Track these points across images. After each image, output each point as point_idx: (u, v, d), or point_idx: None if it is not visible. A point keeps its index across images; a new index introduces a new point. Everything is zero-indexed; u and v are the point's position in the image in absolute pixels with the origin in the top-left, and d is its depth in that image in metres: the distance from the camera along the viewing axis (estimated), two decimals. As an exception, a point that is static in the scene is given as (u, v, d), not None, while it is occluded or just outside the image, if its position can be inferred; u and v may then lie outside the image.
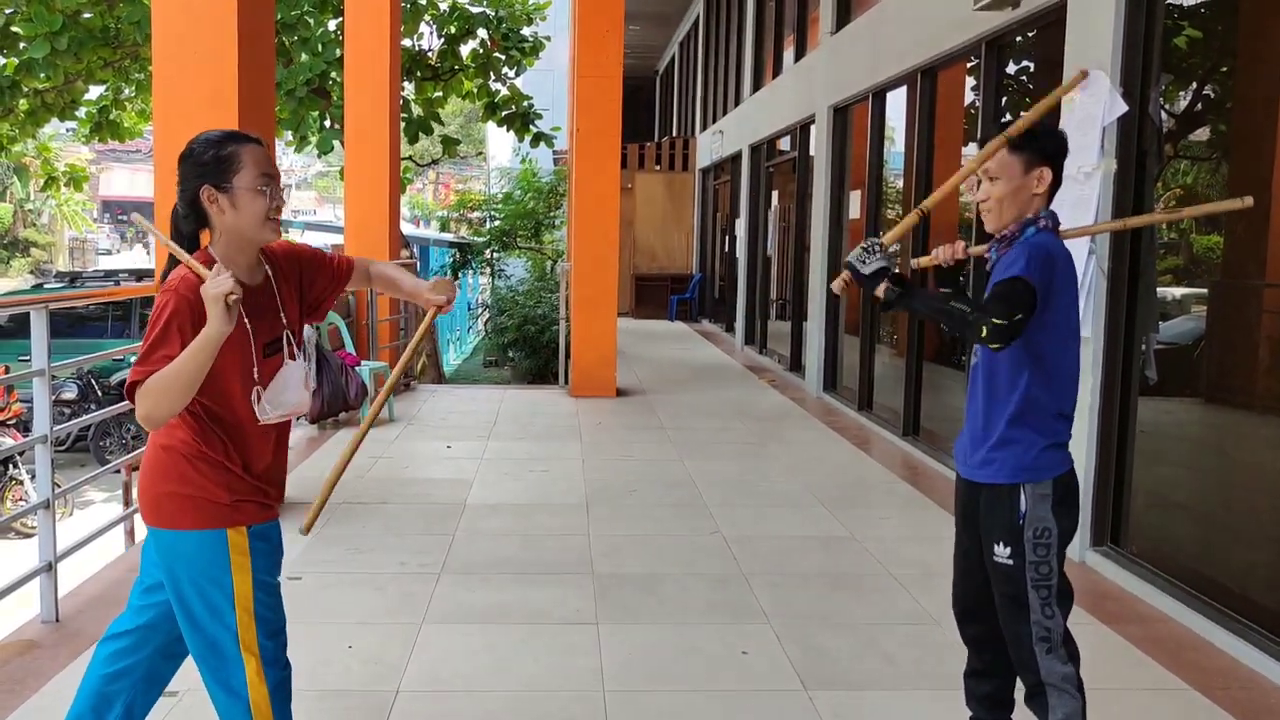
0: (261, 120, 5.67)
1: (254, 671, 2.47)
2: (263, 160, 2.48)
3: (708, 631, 4.18)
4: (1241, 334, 4.60)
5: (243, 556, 2.46)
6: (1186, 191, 4.97)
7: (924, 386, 7.81)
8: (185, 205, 2.46)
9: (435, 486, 6.44)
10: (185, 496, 2.43)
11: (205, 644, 2.47)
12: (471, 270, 23.03)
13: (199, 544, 2.43)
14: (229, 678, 2.47)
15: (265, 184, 2.45)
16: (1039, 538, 2.68)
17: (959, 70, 7.48)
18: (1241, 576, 4.27)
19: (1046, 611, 2.68)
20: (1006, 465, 2.72)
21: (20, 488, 9.34)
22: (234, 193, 2.43)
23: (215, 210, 2.44)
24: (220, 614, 2.45)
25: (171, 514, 2.44)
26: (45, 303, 4.15)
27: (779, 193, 13.60)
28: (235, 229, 2.45)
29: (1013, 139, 2.72)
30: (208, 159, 2.43)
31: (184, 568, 2.44)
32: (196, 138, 2.50)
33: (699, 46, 20.76)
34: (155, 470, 2.47)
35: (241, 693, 2.46)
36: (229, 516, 2.44)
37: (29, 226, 39.21)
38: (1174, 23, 5.01)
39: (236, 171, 2.43)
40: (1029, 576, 2.68)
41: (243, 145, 2.46)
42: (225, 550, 2.44)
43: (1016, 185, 2.72)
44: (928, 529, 5.67)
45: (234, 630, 2.45)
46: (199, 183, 2.43)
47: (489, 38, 13.69)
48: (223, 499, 2.44)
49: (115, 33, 12.15)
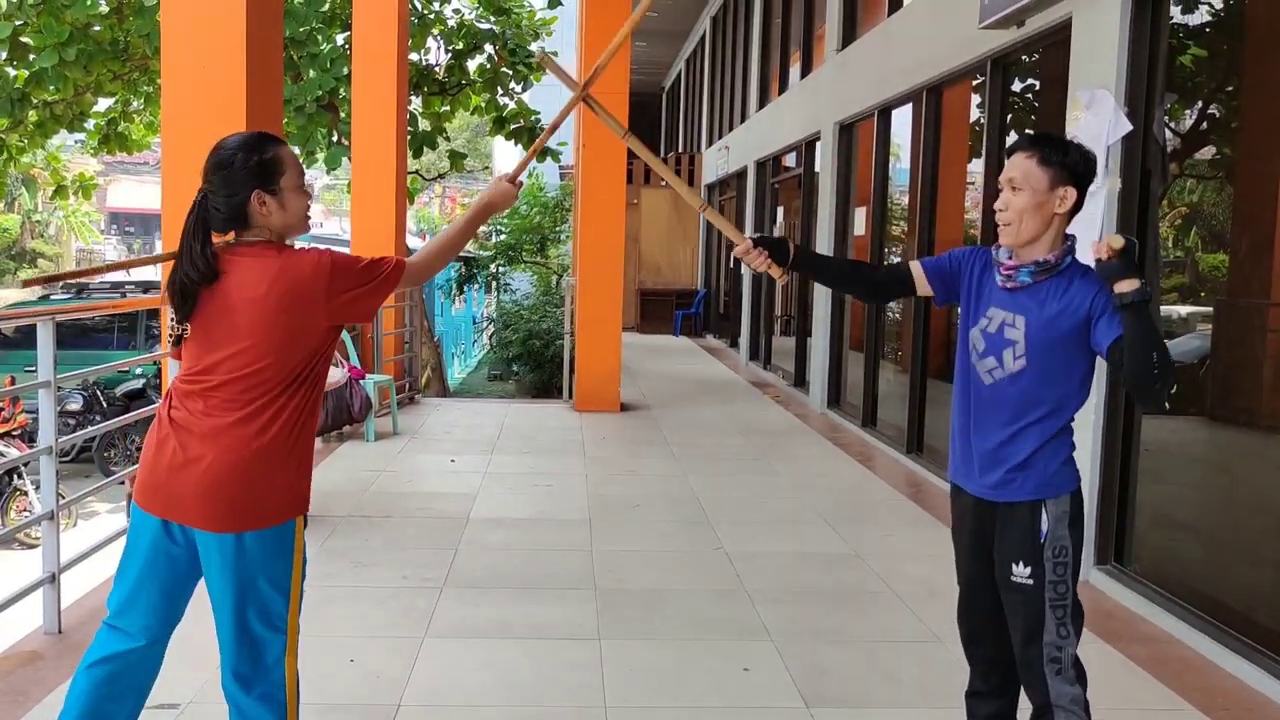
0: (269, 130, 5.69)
1: (291, 674, 2.54)
2: (296, 159, 2.58)
3: (710, 648, 4.17)
4: (1246, 352, 4.59)
5: (299, 554, 2.55)
6: (1191, 210, 4.98)
7: (928, 403, 7.80)
8: (231, 210, 2.49)
9: (438, 500, 6.44)
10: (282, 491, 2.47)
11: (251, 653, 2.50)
12: (477, 284, 23.08)
13: (275, 540, 2.47)
14: (271, 685, 2.52)
15: (304, 181, 2.58)
16: (1058, 556, 2.66)
17: (964, 88, 7.50)
18: (1246, 596, 4.25)
19: (1062, 631, 2.66)
20: (1030, 483, 2.69)
21: (25, 498, 9.35)
22: (282, 194, 2.50)
23: (263, 212, 2.50)
24: (276, 618, 2.50)
25: (264, 513, 2.45)
26: (51, 314, 4.16)
27: (784, 209, 13.63)
28: (281, 228, 2.53)
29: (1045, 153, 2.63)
30: (253, 164, 2.48)
31: (257, 568, 2.46)
32: (226, 144, 2.52)
33: (705, 63, 20.84)
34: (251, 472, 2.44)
35: (280, 697, 2.52)
36: (303, 504, 2.54)
37: (36, 237, 39.34)
38: (1179, 42, 5.03)
39: (282, 173, 2.51)
40: (1047, 596, 2.66)
41: (280, 147, 2.55)
42: (292, 544, 2.51)
43: (1040, 200, 2.63)
44: (931, 546, 5.66)
45: (285, 634, 2.51)
46: (250, 188, 2.47)
47: (496, 53, 13.75)
48: (304, 488, 2.54)
49: (125, 46, 12.21)
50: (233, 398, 2.43)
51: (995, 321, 2.73)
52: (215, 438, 2.42)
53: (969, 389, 2.81)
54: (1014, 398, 2.70)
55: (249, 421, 2.43)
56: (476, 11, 13.80)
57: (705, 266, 20.34)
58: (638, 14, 3.04)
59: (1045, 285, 2.67)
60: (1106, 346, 2.57)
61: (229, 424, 2.42)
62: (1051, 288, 2.66)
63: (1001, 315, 2.72)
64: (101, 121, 14.37)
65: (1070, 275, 2.66)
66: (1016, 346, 2.68)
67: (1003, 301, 2.73)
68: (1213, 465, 4.83)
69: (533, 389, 14.47)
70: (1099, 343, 2.60)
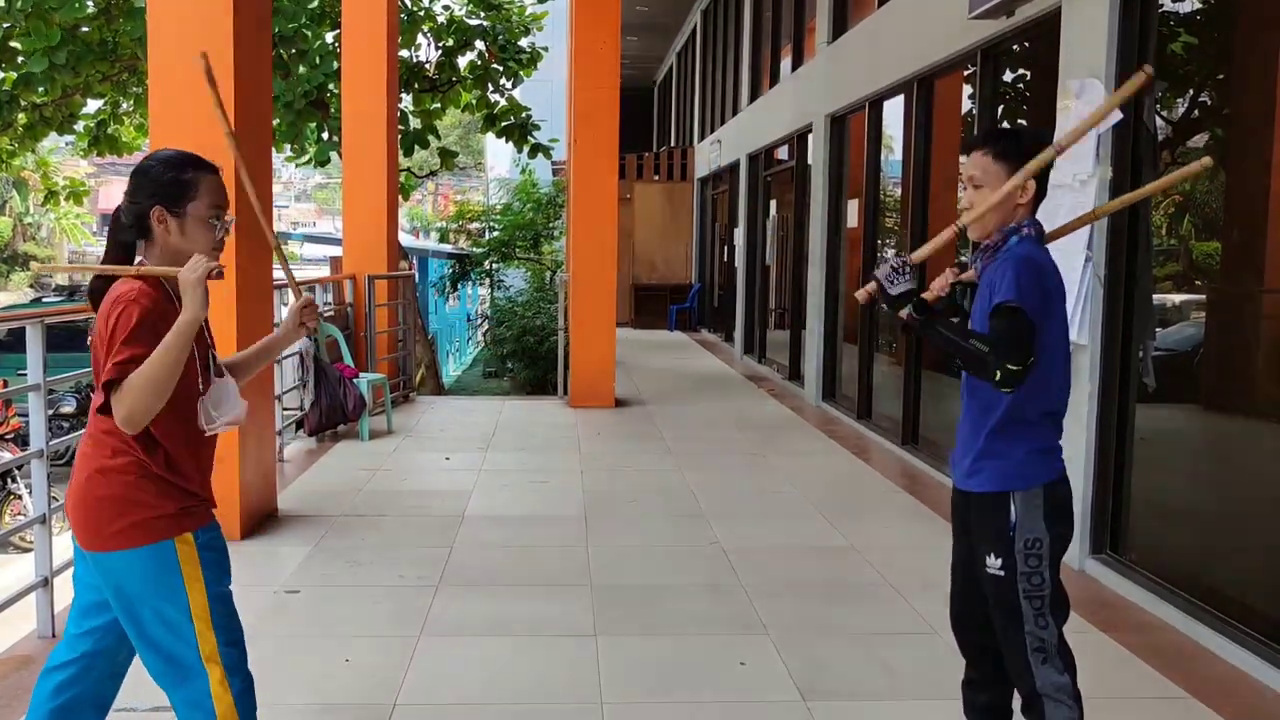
0: (259, 134, 5.68)
1: (217, 681, 2.45)
2: (217, 191, 2.52)
3: (706, 642, 4.17)
4: (1239, 340, 4.60)
5: (193, 567, 2.45)
6: (1184, 199, 4.98)
7: (923, 395, 7.80)
8: (132, 218, 2.48)
9: (433, 498, 6.43)
10: (131, 515, 2.41)
11: (164, 661, 2.46)
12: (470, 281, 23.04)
13: (149, 559, 2.42)
14: (192, 692, 2.45)
15: (216, 215, 2.50)
16: (1030, 548, 2.67)
17: (955, 79, 7.49)
18: (1240, 584, 4.26)
19: (1040, 622, 2.67)
20: (995, 473, 2.71)
21: (19, 502, 9.32)
22: (185, 219, 2.47)
23: (162, 230, 2.47)
24: (177, 629, 2.44)
25: (117, 534, 2.41)
26: (41, 317, 4.15)
27: (777, 202, 13.62)
28: (177, 252, 2.47)
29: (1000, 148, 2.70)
30: (165, 180, 2.46)
31: (136, 586, 2.43)
32: (156, 154, 2.53)
33: (697, 57, 20.81)
34: (93, 494, 2.43)
35: (205, 704, 2.45)
36: (174, 526, 2.44)
37: (28, 240, 39.26)
38: (1169, 30, 5.02)
39: (191, 199, 2.47)
40: (1020, 587, 2.67)
41: (202, 173, 2.50)
42: (175, 563, 2.43)
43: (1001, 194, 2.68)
44: (927, 538, 5.66)
45: (194, 643, 2.44)
46: (152, 202, 2.46)
47: (486, 49, 13.72)
48: (168, 509, 2.44)
49: (114, 47, 12.16)
50: (89, 420, 2.46)
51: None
52: (81, 457, 2.47)
53: (965, 379, 2.85)
54: (972, 385, 2.76)
55: (96, 441, 2.44)
56: (467, 7, 13.76)
57: (699, 261, 20.33)
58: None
59: (988, 270, 2.72)
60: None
61: (87, 442, 2.46)
62: (991, 273, 2.71)
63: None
64: (91, 123, 14.32)
65: (1005, 259, 2.68)
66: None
67: (971, 290, 2.82)
68: (1207, 453, 4.84)
69: (527, 386, 14.45)
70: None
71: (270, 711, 2.99)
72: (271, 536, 5.49)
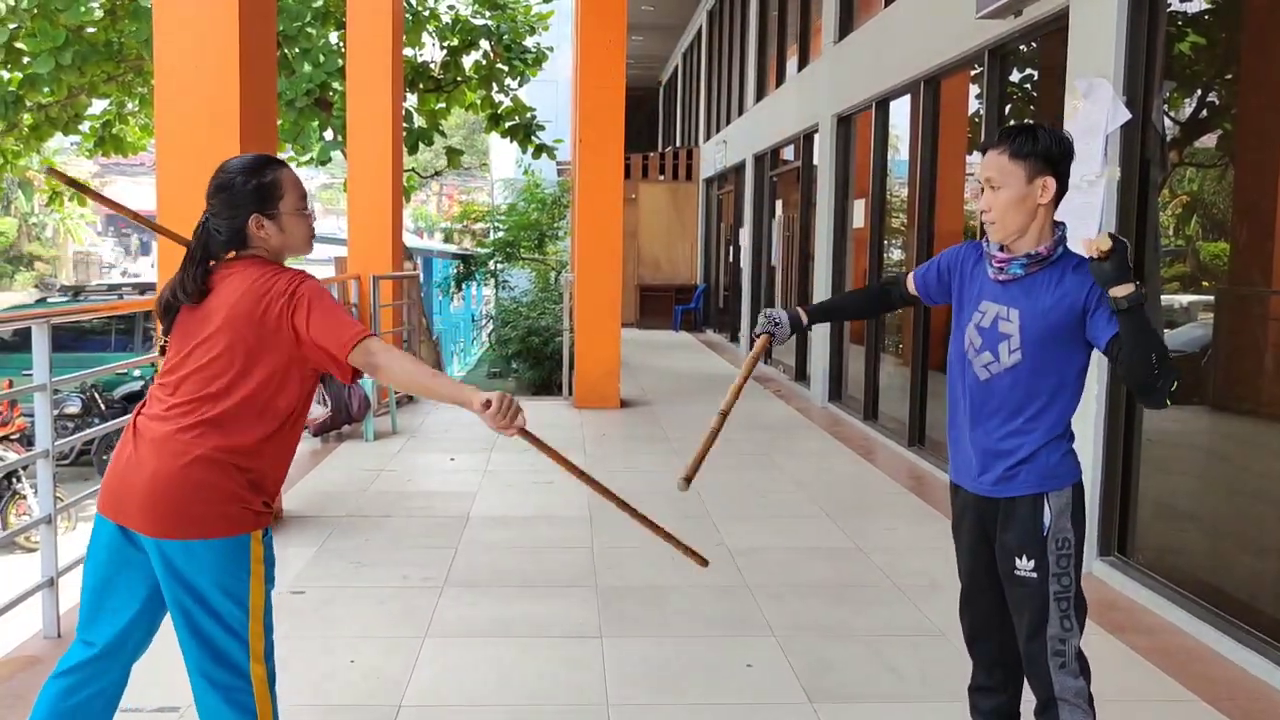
0: (263, 134, 5.67)
1: (260, 681, 2.49)
2: (299, 183, 2.58)
3: (711, 644, 4.15)
4: (1248, 341, 4.57)
5: (260, 565, 2.50)
6: (1192, 199, 4.96)
7: (929, 396, 7.78)
8: (230, 232, 2.51)
9: (438, 499, 6.42)
10: (226, 505, 2.43)
11: (211, 657, 2.46)
12: (475, 282, 23.05)
13: (230, 551, 2.44)
14: (233, 690, 2.46)
15: (305, 205, 2.58)
16: (1061, 549, 2.65)
17: (962, 79, 7.47)
18: (1249, 586, 4.23)
19: (1065, 624, 2.64)
20: (1032, 477, 2.67)
21: (24, 502, 9.33)
22: (281, 218, 2.52)
23: (262, 236, 2.52)
24: (235, 624, 2.45)
25: (207, 521, 2.41)
26: (46, 317, 4.14)
27: (783, 202, 13.60)
28: (280, 250, 2.56)
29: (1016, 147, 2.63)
30: (251, 188, 2.49)
31: (208, 577, 2.43)
32: (228, 166, 2.54)
33: (702, 57, 20.80)
34: (192, 479, 2.41)
35: (248, 704, 2.46)
36: (256, 521, 2.48)
37: (33, 240, 39.33)
38: (1177, 30, 5.00)
39: (281, 197, 2.52)
40: (1051, 589, 2.64)
41: (280, 170, 2.55)
42: (248, 558, 2.47)
43: (1020, 194, 2.61)
44: (933, 539, 5.64)
45: (246, 641, 2.46)
46: (249, 212, 2.49)
47: (491, 49, 13.72)
48: (255, 504, 2.47)
49: (119, 47, 12.19)
50: (189, 408, 2.44)
51: (989, 315, 2.71)
52: (164, 443, 2.43)
53: (964, 386, 2.77)
54: (1011, 392, 2.68)
55: (195, 430, 2.42)
56: (472, 7, 13.77)
57: (704, 261, 20.31)
58: None
59: (1038, 277, 2.65)
60: (1105, 342, 2.55)
61: (175, 430, 2.43)
62: (1044, 279, 2.64)
63: (995, 309, 2.70)
64: (97, 124, 14.35)
65: (1063, 266, 2.64)
66: (1011, 340, 2.66)
67: (995, 295, 2.71)
68: (1215, 455, 4.82)
69: (532, 386, 14.45)
70: (1096, 338, 2.58)
71: (275, 713, 2.98)
72: (276, 537, 5.43)
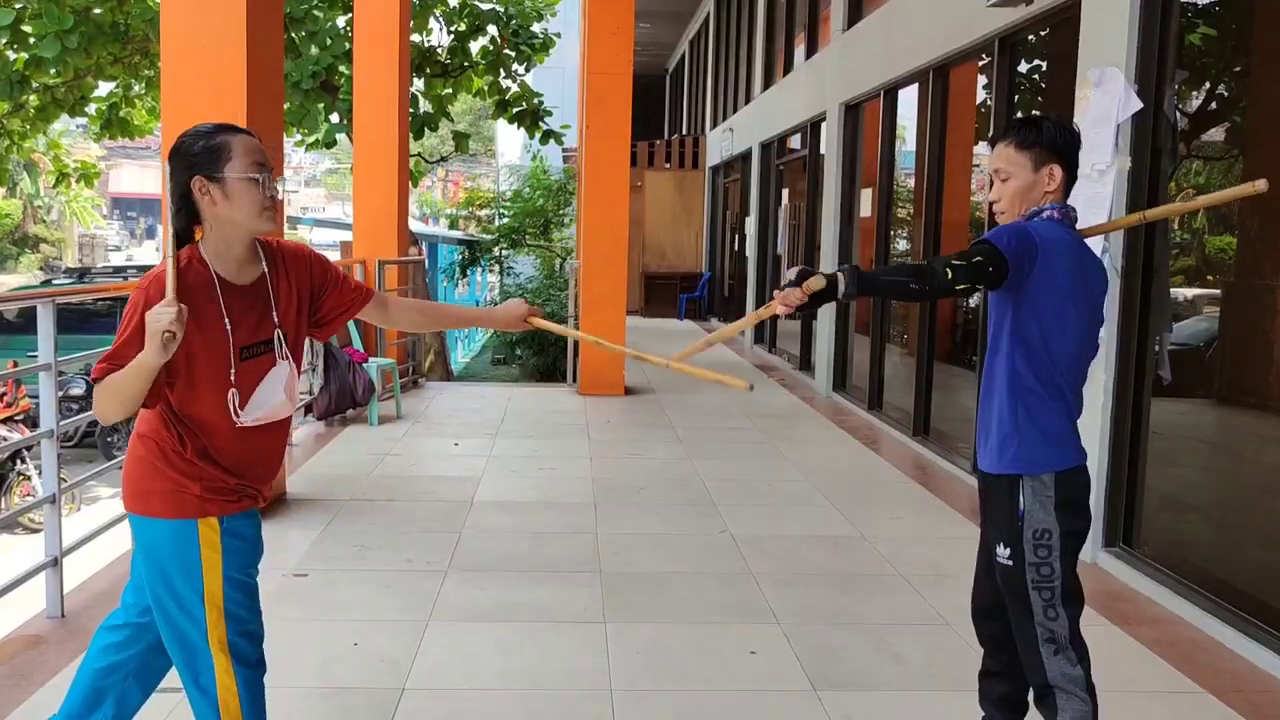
0: (270, 117, 5.65)
1: (223, 670, 2.44)
2: (254, 150, 2.43)
3: (716, 631, 4.15)
4: (1255, 334, 4.55)
5: (213, 551, 2.43)
6: (1200, 190, 4.93)
7: (934, 386, 7.77)
8: (176, 200, 2.41)
9: (442, 484, 6.42)
10: (159, 484, 2.42)
11: (174, 636, 2.46)
12: (480, 268, 23.02)
13: (171, 533, 2.42)
14: (198, 673, 2.45)
15: (258, 172, 2.41)
16: (1038, 539, 2.63)
17: (971, 68, 7.43)
18: (1255, 578, 4.22)
19: (1049, 613, 2.63)
20: (1006, 454, 2.68)
21: (29, 483, 9.34)
22: (226, 183, 2.38)
23: (207, 202, 2.40)
24: (189, 608, 2.43)
25: (146, 501, 2.43)
26: (51, 297, 4.14)
27: (789, 191, 13.56)
28: (229, 220, 2.41)
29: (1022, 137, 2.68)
30: (198, 149, 2.40)
31: (156, 557, 2.44)
32: (186, 131, 2.47)
33: (709, 44, 20.73)
34: (133, 457, 2.47)
35: (210, 690, 2.44)
36: (199, 507, 2.42)
37: (39, 222, 39.34)
38: (1189, 20, 4.97)
39: (227, 161, 2.39)
40: (1029, 578, 2.64)
41: (232, 135, 2.43)
42: (195, 542, 2.42)
43: (1028, 183, 2.67)
44: (938, 529, 5.64)
45: (203, 626, 2.43)
46: (189, 174, 2.39)
47: (499, 35, 13.67)
48: (193, 490, 2.42)
49: (125, 29, 12.15)
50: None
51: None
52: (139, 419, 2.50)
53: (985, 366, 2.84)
54: (994, 365, 2.74)
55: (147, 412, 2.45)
56: (480, -8, 13.72)
57: (710, 249, 20.27)
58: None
59: None
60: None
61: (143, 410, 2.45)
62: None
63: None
64: (103, 106, 14.32)
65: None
66: (993, 314, 2.74)
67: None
68: (1221, 447, 4.80)
69: (536, 373, 14.46)
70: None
71: (278, 695, 2.99)
72: (280, 520, 5.48)
